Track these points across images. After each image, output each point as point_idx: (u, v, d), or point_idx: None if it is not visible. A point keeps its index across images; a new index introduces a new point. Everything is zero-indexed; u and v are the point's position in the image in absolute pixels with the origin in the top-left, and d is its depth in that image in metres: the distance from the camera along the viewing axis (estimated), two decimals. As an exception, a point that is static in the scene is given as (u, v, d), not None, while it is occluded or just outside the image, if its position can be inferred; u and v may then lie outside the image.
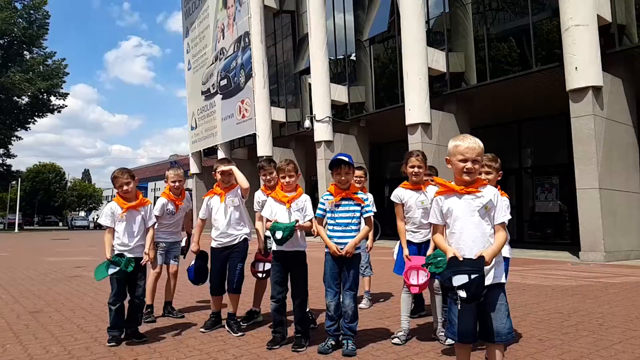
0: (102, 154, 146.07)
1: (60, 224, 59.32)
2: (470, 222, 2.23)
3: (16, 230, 35.35)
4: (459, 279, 2.07)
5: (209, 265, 4.11)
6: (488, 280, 2.17)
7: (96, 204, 68.82)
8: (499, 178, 3.10)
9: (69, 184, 66.58)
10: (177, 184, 4.58)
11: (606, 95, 9.12)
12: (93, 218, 51.72)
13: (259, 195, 4.04)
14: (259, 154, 18.25)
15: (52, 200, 60.25)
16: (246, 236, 4.00)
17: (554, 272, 7.56)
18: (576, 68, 8.92)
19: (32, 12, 33.46)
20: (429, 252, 3.34)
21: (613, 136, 9.22)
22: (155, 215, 4.12)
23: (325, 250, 3.40)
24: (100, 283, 4.59)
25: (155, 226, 4.05)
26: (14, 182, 39.92)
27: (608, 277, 6.87)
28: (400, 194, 3.62)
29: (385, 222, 13.67)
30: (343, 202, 3.36)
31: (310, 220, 3.52)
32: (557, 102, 10.64)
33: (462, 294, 2.05)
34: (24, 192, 51.42)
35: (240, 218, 4.00)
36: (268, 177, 3.99)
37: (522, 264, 8.49)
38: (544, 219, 14.38)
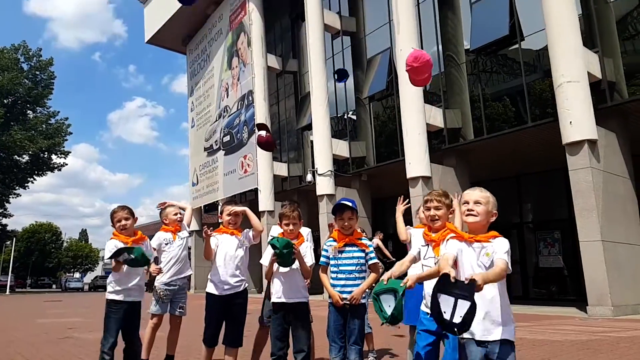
0: (100, 213, 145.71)
1: (54, 286, 57.47)
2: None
3: (7, 292, 34.24)
4: (447, 302, 1.92)
5: None
6: (498, 334, 2.11)
7: (92, 265, 67.36)
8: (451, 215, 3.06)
9: (65, 244, 65.17)
10: (179, 215, 4.53)
11: (602, 148, 9.33)
12: (90, 282, 50.22)
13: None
14: (260, 209, 18.29)
15: (47, 260, 58.62)
16: (247, 284, 3.85)
17: (562, 327, 7.42)
18: (570, 122, 9.18)
19: (38, 72, 34.16)
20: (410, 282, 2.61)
21: (611, 189, 9.33)
22: (153, 248, 4.04)
23: (329, 301, 3.26)
24: (94, 342, 4.36)
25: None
26: (8, 242, 39.28)
27: (618, 331, 6.74)
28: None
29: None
30: (347, 249, 3.27)
31: (310, 267, 3.41)
32: (554, 157, 10.84)
33: (450, 320, 1.91)
34: (18, 252, 50.02)
35: (245, 263, 3.84)
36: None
37: (530, 320, 8.34)
38: (548, 274, 14.21)
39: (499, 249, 2.21)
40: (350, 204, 3.33)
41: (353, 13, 16.88)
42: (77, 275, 65.89)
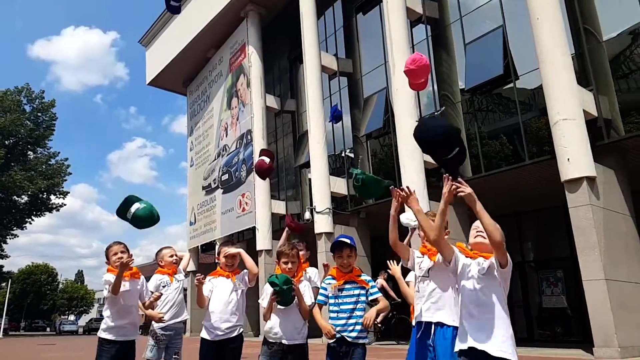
0: (97, 254, 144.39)
1: (48, 329, 56.33)
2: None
3: (0, 335, 33.54)
4: None
5: None
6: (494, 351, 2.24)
7: (87, 307, 66.27)
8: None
9: (60, 286, 64.36)
10: (174, 257, 4.44)
11: (601, 185, 9.28)
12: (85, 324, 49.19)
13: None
14: (257, 248, 18.08)
15: (42, 302, 57.75)
16: (243, 330, 3.72)
17: (568, 369, 7.15)
18: (568, 159, 9.18)
19: (39, 114, 34.48)
20: None
21: (612, 226, 9.22)
22: (150, 291, 3.95)
23: (329, 342, 3.13)
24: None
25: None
26: (4, 284, 38.73)
27: (626, 373, 6.48)
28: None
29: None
30: (346, 286, 3.20)
31: (309, 306, 3.34)
32: (553, 194, 10.80)
33: None
34: (14, 294, 49.34)
35: (241, 307, 3.73)
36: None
37: (534, 361, 8.05)
38: (552, 315, 13.88)
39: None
40: (348, 241, 3.31)
41: (349, 55, 17.25)
42: (71, 317, 64.59)
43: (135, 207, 3.41)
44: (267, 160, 5.39)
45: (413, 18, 14.03)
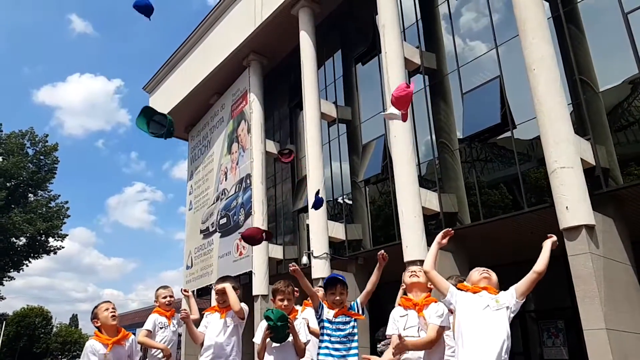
0: (92, 298, 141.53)
1: (39, 375, 54.84)
2: None
3: (-9, 382, 32.58)
4: None
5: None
6: None
7: (80, 351, 64.66)
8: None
9: (54, 329, 63.16)
10: (168, 299, 4.44)
11: (600, 234, 9.22)
12: None
13: None
14: (254, 293, 17.76)
15: (35, 346, 56.60)
16: None
17: None
18: (567, 207, 9.16)
19: (42, 157, 34.65)
20: None
21: (613, 275, 9.08)
22: (148, 330, 3.86)
23: None
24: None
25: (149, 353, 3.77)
26: (-2, 327, 38.01)
27: None
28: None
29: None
30: (340, 318, 3.32)
31: (304, 344, 3.39)
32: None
33: None
34: (7, 337, 48.45)
35: (235, 342, 3.69)
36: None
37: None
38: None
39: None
40: (342, 278, 3.49)
41: (349, 103, 17.61)
42: (63, 362, 62.79)
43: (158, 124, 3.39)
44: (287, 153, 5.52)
45: (411, 68, 14.41)
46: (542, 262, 2.86)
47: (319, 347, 3.30)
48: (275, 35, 19.52)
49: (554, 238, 2.99)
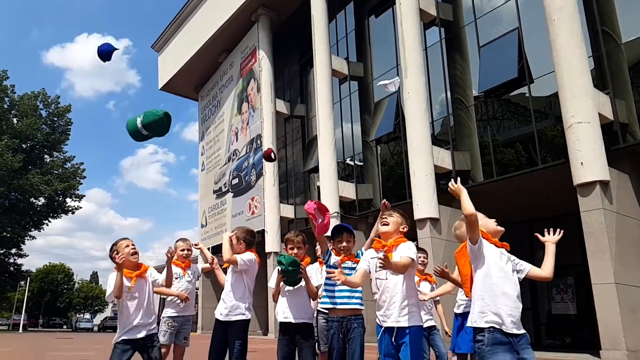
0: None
1: (65, 326, 57.60)
2: None
3: (20, 331, 34.61)
4: None
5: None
6: None
7: (101, 306, 67.30)
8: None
9: (76, 285, 65.69)
10: (185, 252, 4.59)
11: (614, 189, 9.06)
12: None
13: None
14: (266, 251, 18.04)
15: (59, 301, 59.26)
16: (243, 317, 3.67)
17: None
18: (582, 163, 8.97)
19: (55, 118, 34.97)
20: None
21: (624, 231, 9.00)
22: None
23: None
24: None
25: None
26: (22, 283, 39.57)
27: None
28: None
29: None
30: (346, 263, 3.39)
31: (317, 287, 3.57)
32: (566, 201, 10.58)
33: None
34: (32, 292, 50.67)
35: (242, 289, 3.73)
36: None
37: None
38: (561, 321, 13.62)
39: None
40: (347, 226, 3.59)
41: (360, 58, 17.18)
42: (87, 316, 65.74)
43: (139, 122, 3.38)
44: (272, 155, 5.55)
45: (426, 20, 13.93)
46: (550, 268, 2.80)
47: (324, 291, 3.46)
48: (285, -12, 18.95)
49: (558, 237, 2.98)
